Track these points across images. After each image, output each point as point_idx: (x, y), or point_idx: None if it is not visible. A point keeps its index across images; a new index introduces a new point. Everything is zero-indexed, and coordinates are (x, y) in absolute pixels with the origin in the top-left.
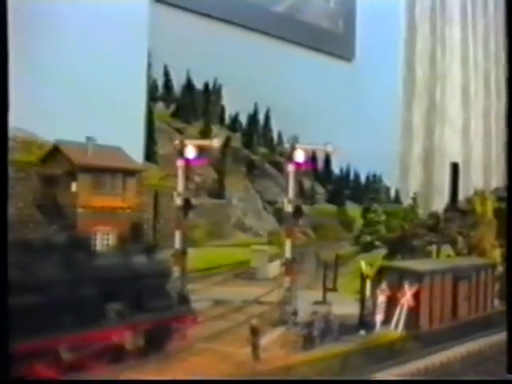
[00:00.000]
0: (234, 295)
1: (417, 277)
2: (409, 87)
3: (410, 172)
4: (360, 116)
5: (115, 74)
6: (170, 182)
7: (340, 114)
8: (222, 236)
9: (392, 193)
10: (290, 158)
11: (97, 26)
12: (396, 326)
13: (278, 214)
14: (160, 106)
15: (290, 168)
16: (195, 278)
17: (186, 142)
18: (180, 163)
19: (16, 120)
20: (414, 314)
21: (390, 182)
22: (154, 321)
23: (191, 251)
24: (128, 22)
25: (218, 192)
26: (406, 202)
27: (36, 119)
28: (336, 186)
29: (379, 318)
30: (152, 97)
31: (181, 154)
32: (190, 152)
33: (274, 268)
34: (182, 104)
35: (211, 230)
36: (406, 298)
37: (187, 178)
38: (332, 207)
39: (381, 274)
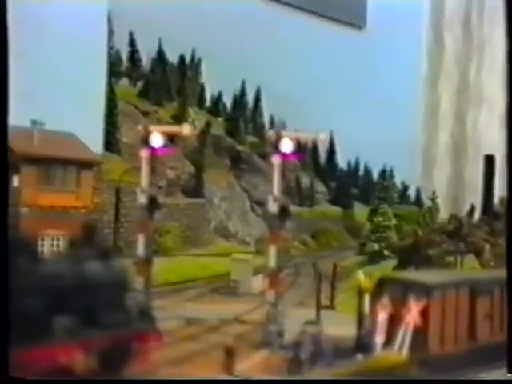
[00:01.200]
0: (210, 313)
1: (425, 290)
2: (435, 61)
3: (434, 167)
4: (373, 97)
5: (67, 42)
6: (136, 177)
7: (348, 94)
8: (199, 243)
9: (412, 192)
10: (276, 148)
11: None
12: (399, 349)
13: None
14: (124, 82)
15: (276, 160)
16: (164, 292)
17: (151, 127)
18: (144, 153)
19: None
20: (421, 334)
21: (410, 179)
22: (110, 338)
23: (161, 261)
24: None
25: (195, 190)
26: (425, 204)
27: None
28: (341, 183)
29: (379, 338)
30: (114, 71)
31: (146, 142)
32: (156, 140)
33: (260, 281)
34: (152, 81)
35: (186, 235)
36: (412, 315)
37: (153, 171)
38: (336, 210)
39: (382, 286)
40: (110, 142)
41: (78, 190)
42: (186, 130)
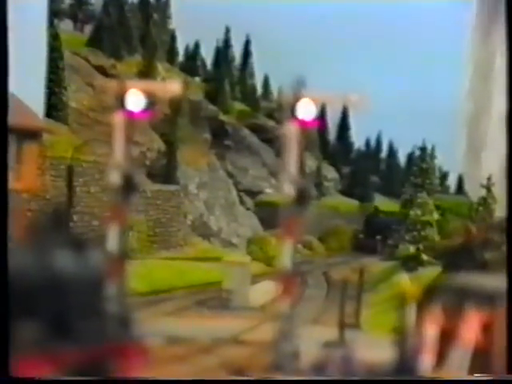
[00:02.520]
0: (198, 330)
1: (487, 299)
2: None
3: (484, 147)
4: (402, 48)
5: None
6: (91, 155)
7: (368, 45)
8: (172, 244)
9: (451, 180)
10: (292, 113)
11: None
12: (455, 372)
13: (263, 211)
14: (67, 26)
15: (293, 129)
16: (133, 304)
17: (128, 83)
18: (118, 117)
19: None
20: (482, 353)
21: (450, 163)
22: (83, 350)
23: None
24: None
25: (166, 173)
26: (475, 194)
27: None
28: (358, 168)
29: (427, 359)
30: (54, 10)
31: (121, 102)
32: (135, 100)
33: (260, 292)
34: (106, 25)
35: (155, 233)
36: (471, 330)
37: (129, 141)
38: (350, 202)
39: (431, 295)
40: (54, 107)
41: (18, 167)
42: (173, 87)
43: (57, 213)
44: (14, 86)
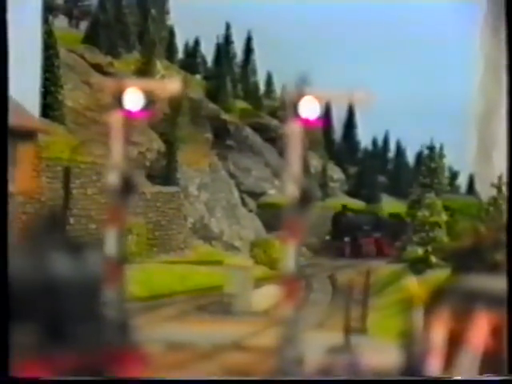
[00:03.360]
0: (199, 336)
1: (497, 301)
2: None
3: (495, 146)
4: (410, 44)
5: None
6: (88, 155)
7: (375, 41)
8: (172, 247)
9: (461, 180)
10: (295, 111)
11: None
12: (463, 376)
13: (267, 213)
14: (61, 23)
15: (295, 127)
16: (133, 309)
17: (126, 82)
18: (116, 117)
19: None
20: (492, 357)
21: (460, 163)
22: (80, 355)
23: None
24: None
25: (165, 174)
26: (486, 194)
27: None
28: (364, 167)
29: (435, 363)
30: (49, 7)
31: (119, 101)
32: (134, 99)
33: (264, 296)
34: (103, 22)
35: (155, 236)
36: (480, 333)
37: (127, 141)
38: (357, 203)
39: (439, 297)
40: (50, 106)
41: (12, 169)
42: (173, 85)
43: (53, 215)
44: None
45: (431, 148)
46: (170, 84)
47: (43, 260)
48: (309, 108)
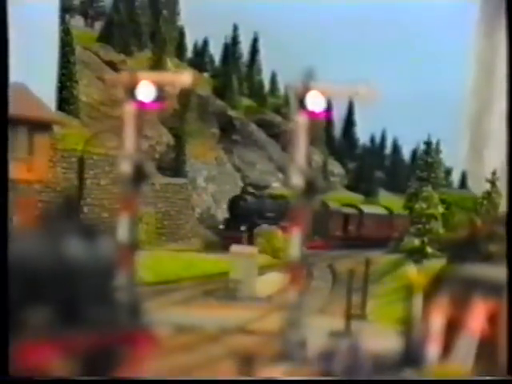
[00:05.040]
0: (206, 320)
1: (494, 289)
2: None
3: (486, 145)
4: (408, 45)
5: None
6: (101, 148)
7: (375, 42)
8: (180, 236)
9: (455, 176)
10: (301, 104)
11: None
12: (461, 361)
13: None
14: (78, 22)
15: (301, 120)
16: (142, 294)
17: (139, 74)
18: (129, 108)
19: None
20: (489, 344)
21: (453, 160)
22: (93, 336)
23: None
24: None
25: (174, 166)
26: (478, 191)
27: None
28: (363, 163)
29: (434, 349)
30: (66, 7)
31: (131, 93)
32: (146, 91)
33: (268, 283)
34: (116, 22)
35: (163, 225)
36: (477, 320)
37: (140, 131)
38: (355, 197)
39: (437, 285)
40: (66, 100)
41: (30, 159)
42: (185, 78)
43: (68, 202)
44: (26, 79)
45: (428, 143)
46: (181, 77)
47: (59, 246)
48: (314, 101)
